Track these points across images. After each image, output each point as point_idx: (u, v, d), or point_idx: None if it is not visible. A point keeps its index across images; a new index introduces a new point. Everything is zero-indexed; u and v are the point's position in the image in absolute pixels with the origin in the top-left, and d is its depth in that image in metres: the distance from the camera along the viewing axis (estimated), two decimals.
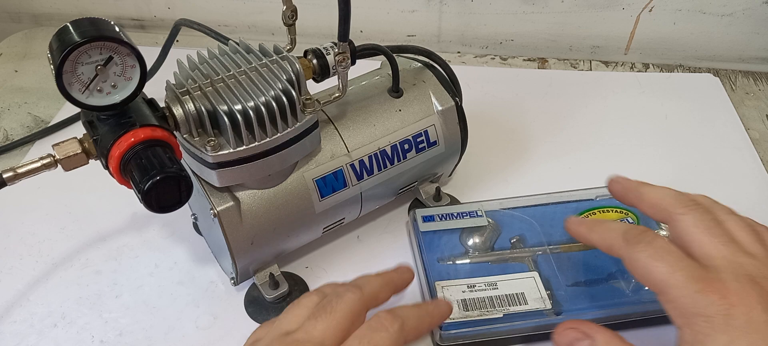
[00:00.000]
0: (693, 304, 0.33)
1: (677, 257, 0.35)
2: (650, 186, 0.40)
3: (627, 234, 0.37)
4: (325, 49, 0.46)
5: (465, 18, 0.83)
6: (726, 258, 0.34)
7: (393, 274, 0.43)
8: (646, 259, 0.35)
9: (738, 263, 0.34)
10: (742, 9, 0.77)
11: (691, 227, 0.36)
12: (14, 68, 0.82)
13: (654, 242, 0.36)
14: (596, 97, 0.74)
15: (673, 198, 0.38)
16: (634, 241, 0.36)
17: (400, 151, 0.51)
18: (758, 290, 0.32)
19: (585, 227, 0.41)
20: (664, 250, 0.35)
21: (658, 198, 0.39)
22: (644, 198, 0.40)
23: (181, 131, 0.42)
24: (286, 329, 0.37)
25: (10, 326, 0.49)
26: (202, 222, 0.53)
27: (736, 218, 0.37)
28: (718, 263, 0.34)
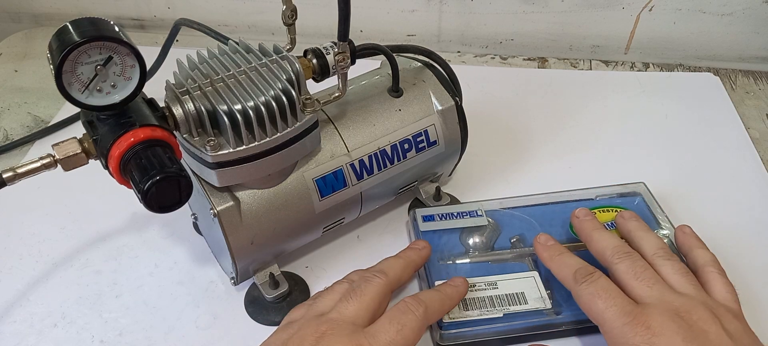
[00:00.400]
0: (622, 335, 0.38)
1: (612, 294, 0.40)
2: (600, 233, 0.46)
3: (577, 272, 0.42)
4: (325, 49, 0.46)
5: (465, 17, 0.83)
6: (653, 297, 0.39)
7: (411, 253, 0.48)
8: (587, 295, 0.41)
9: (665, 300, 0.39)
10: (742, 8, 0.77)
11: (622, 273, 0.42)
12: (14, 68, 0.82)
13: (596, 282, 0.41)
14: (596, 96, 0.74)
15: (611, 248, 0.44)
16: (580, 279, 0.42)
17: (400, 150, 0.51)
18: (680, 322, 0.37)
19: (547, 253, 0.46)
20: (602, 289, 0.40)
21: (601, 247, 0.45)
22: (591, 243, 0.46)
23: (180, 131, 0.42)
24: (321, 311, 0.42)
25: (10, 326, 0.49)
26: (202, 222, 0.53)
27: (671, 263, 0.42)
28: (646, 301, 0.39)
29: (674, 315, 0.37)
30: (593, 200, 0.54)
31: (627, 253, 0.43)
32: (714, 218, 0.56)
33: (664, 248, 0.44)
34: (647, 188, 0.55)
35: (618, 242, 0.44)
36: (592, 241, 0.46)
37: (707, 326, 0.37)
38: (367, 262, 0.53)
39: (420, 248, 0.48)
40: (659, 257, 0.43)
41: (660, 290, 0.40)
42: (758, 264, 0.53)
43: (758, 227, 0.56)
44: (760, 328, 0.48)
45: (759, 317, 0.48)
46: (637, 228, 0.47)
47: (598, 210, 0.53)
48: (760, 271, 0.52)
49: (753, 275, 0.51)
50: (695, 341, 0.36)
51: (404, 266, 0.46)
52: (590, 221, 0.48)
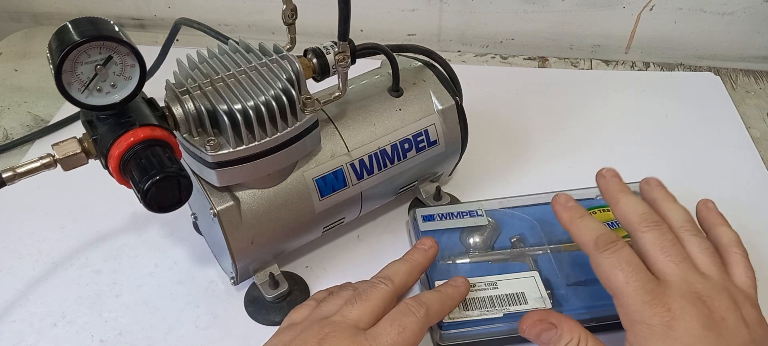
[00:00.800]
0: (639, 312, 0.36)
1: (635, 268, 0.38)
2: (626, 196, 0.43)
3: (599, 239, 0.40)
4: (325, 49, 0.46)
5: (465, 17, 0.83)
6: (677, 275, 0.38)
7: (417, 256, 0.47)
8: (608, 265, 0.39)
9: (688, 281, 0.37)
10: (743, 7, 0.77)
11: (648, 244, 0.39)
12: (14, 67, 0.82)
13: (619, 252, 0.39)
14: (597, 96, 0.74)
15: (638, 215, 0.41)
16: (602, 246, 0.39)
17: (400, 150, 0.51)
18: (700, 307, 0.36)
19: (567, 215, 0.43)
20: (625, 260, 0.38)
21: (627, 212, 0.42)
22: (617, 206, 0.43)
23: (180, 131, 0.42)
24: (325, 315, 0.42)
25: (10, 325, 0.49)
26: (202, 222, 0.53)
27: (699, 240, 0.40)
28: (669, 279, 0.38)
29: (696, 299, 0.36)
30: (593, 200, 0.54)
31: (655, 222, 0.40)
32: None
33: (692, 222, 0.42)
34: None
35: (646, 208, 0.42)
36: (619, 203, 0.43)
37: (727, 314, 0.36)
38: (367, 262, 0.53)
39: (426, 248, 0.47)
40: (687, 231, 0.41)
41: (684, 270, 0.38)
42: (758, 264, 0.52)
43: (758, 227, 0.56)
44: None
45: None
46: (664, 198, 0.45)
47: (598, 210, 0.53)
48: (761, 270, 0.52)
49: None
50: (714, 329, 0.35)
51: (410, 270, 0.45)
52: (618, 182, 0.45)
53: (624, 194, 0.43)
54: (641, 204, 0.42)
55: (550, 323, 0.41)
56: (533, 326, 0.42)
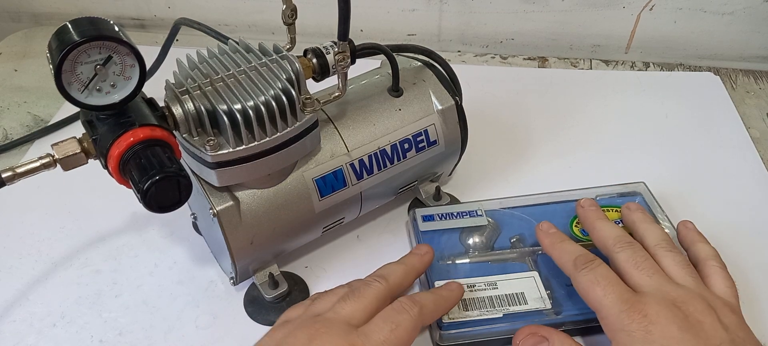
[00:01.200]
0: (618, 321, 0.38)
1: (611, 282, 0.40)
2: (602, 223, 0.46)
3: (577, 259, 0.43)
4: (325, 49, 0.46)
5: (465, 17, 0.83)
6: (651, 286, 0.40)
7: (414, 260, 0.47)
8: (586, 281, 0.41)
9: (662, 290, 0.40)
10: (743, 7, 0.77)
11: (622, 262, 0.42)
12: (14, 67, 0.82)
13: (596, 269, 0.41)
14: (596, 96, 0.74)
15: (613, 238, 0.44)
16: (580, 266, 0.42)
17: (400, 150, 0.51)
18: (675, 312, 0.38)
19: (548, 240, 0.46)
20: (601, 276, 0.41)
21: (603, 235, 0.45)
22: (594, 232, 0.46)
23: (180, 131, 0.42)
24: (318, 312, 0.42)
25: (10, 325, 0.49)
26: (201, 222, 0.53)
27: (673, 255, 0.43)
28: (644, 290, 0.40)
29: (671, 305, 0.38)
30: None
31: (628, 242, 0.43)
32: (714, 217, 0.56)
33: (667, 240, 0.45)
34: (647, 187, 0.55)
35: (620, 232, 0.45)
36: (595, 229, 0.46)
37: (703, 317, 0.38)
38: (367, 262, 0.53)
39: (422, 254, 0.48)
40: (661, 248, 0.44)
41: (659, 281, 0.40)
42: (758, 263, 0.53)
43: (758, 227, 0.56)
44: (760, 326, 0.48)
45: (759, 316, 0.48)
46: (642, 219, 0.48)
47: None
48: (760, 270, 0.52)
49: (753, 274, 0.51)
50: (690, 331, 0.37)
51: (406, 272, 0.46)
52: (594, 210, 0.48)
53: (600, 221, 0.47)
54: (616, 228, 0.46)
55: (541, 336, 0.42)
56: (525, 340, 0.43)
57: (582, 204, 0.50)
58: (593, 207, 0.49)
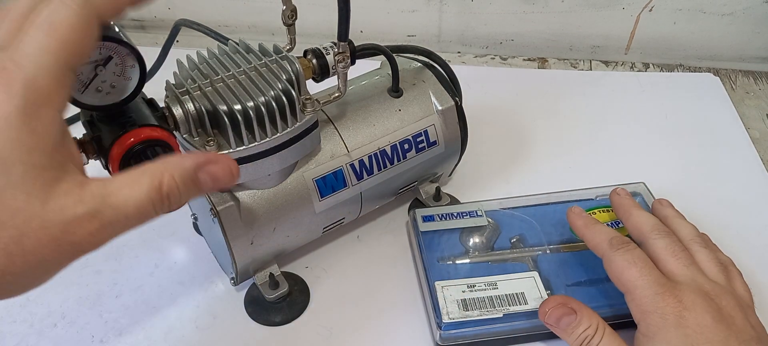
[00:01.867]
0: (652, 303, 0.39)
1: (647, 266, 0.41)
2: (639, 211, 0.47)
3: (613, 240, 0.43)
4: (325, 49, 0.46)
5: (465, 18, 0.83)
6: (687, 276, 0.41)
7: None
8: (622, 262, 0.41)
9: (697, 281, 0.40)
10: (743, 8, 0.77)
11: (660, 249, 0.43)
12: None
13: (632, 251, 0.42)
14: (596, 97, 0.74)
15: (650, 225, 0.45)
16: (616, 246, 0.42)
17: (399, 151, 0.51)
18: (709, 302, 0.39)
19: (582, 222, 0.46)
20: (638, 258, 0.41)
21: (640, 222, 0.45)
22: (630, 219, 0.47)
23: (180, 131, 0.42)
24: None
25: (10, 325, 0.49)
26: (202, 222, 0.53)
27: (707, 252, 0.44)
28: (679, 279, 0.40)
29: (706, 296, 0.39)
30: (593, 200, 0.54)
31: (666, 232, 0.44)
32: (714, 217, 0.56)
33: (702, 237, 0.46)
34: (647, 187, 0.55)
35: (657, 221, 0.45)
36: (632, 216, 0.46)
37: (734, 313, 0.39)
38: (367, 262, 0.53)
39: None
40: (696, 243, 0.44)
41: (694, 272, 0.41)
42: (758, 263, 0.53)
43: (758, 227, 0.56)
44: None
45: (760, 317, 0.48)
46: (675, 215, 0.49)
47: (599, 210, 0.53)
48: (760, 270, 0.52)
49: (753, 274, 0.51)
50: (723, 322, 0.38)
51: None
52: (631, 199, 0.49)
53: (637, 209, 0.47)
54: (652, 217, 0.46)
55: (570, 308, 0.43)
56: (554, 311, 0.43)
57: (618, 192, 0.50)
58: (629, 197, 0.50)
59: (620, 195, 0.50)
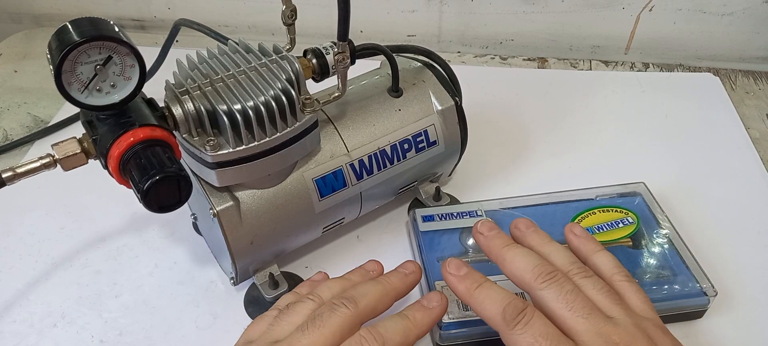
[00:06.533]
0: None
1: (552, 342, 0.35)
2: (513, 251, 0.41)
3: (505, 310, 0.37)
4: (325, 49, 0.46)
5: (465, 18, 0.83)
6: (590, 332, 0.35)
7: (395, 280, 0.42)
8: (524, 343, 0.35)
9: (603, 334, 0.35)
10: (743, 8, 0.77)
11: (551, 302, 0.37)
12: (14, 68, 0.82)
13: (532, 325, 0.36)
14: (596, 96, 0.74)
15: (531, 272, 0.39)
16: (512, 321, 0.36)
17: (399, 150, 0.51)
18: None
19: (464, 287, 0.40)
20: (540, 335, 0.35)
21: (519, 270, 0.39)
22: (506, 265, 0.40)
23: (180, 131, 0.42)
24: (276, 338, 0.38)
25: (10, 325, 0.49)
26: (201, 222, 0.53)
27: (592, 282, 0.38)
28: (585, 339, 0.35)
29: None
30: (593, 200, 0.54)
31: (550, 274, 0.38)
32: (714, 217, 0.56)
33: (577, 262, 0.41)
34: (647, 187, 0.55)
35: (536, 260, 0.39)
36: (506, 261, 0.40)
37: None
38: None
39: (407, 273, 0.43)
40: (576, 274, 0.39)
41: (594, 322, 0.36)
42: (758, 263, 0.53)
43: (758, 227, 0.56)
44: (760, 327, 0.48)
45: (759, 317, 0.48)
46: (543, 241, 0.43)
47: (599, 210, 0.53)
48: (760, 270, 0.52)
49: (752, 275, 0.51)
50: None
51: (382, 294, 0.41)
52: (496, 235, 0.42)
53: (510, 251, 0.41)
54: (530, 256, 0.40)
55: None
56: None
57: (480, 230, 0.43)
58: (494, 232, 0.43)
59: (483, 233, 0.43)
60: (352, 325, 0.38)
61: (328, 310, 0.38)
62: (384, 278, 0.43)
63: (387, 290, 0.41)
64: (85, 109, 0.37)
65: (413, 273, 0.44)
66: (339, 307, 0.38)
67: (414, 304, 0.41)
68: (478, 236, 0.43)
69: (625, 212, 0.53)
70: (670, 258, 0.49)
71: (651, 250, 0.50)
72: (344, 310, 0.38)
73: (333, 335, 0.37)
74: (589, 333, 0.35)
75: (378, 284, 0.41)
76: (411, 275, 0.43)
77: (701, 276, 0.47)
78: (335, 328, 0.37)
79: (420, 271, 0.44)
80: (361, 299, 0.39)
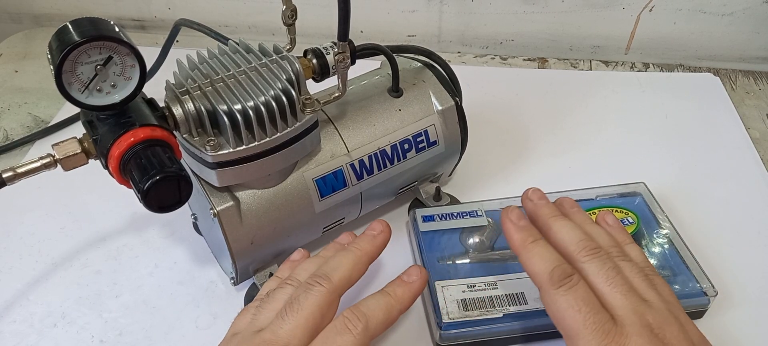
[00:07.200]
0: None
1: (593, 308, 0.36)
2: (560, 222, 0.42)
3: (554, 272, 0.38)
4: (325, 49, 0.46)
5: (465, 18, 0.83)
6: (627, 308, 0.36)
7: (365, 244, 0.43)
8: (564, 304, 0.36)
9: (639, 313, 0.36)
10: (743, 8, 0.77)
11: (592, 275, 0.38)
12: (14, 68, 0.82)
13: (575, 289, 0.37)
14: (596, 96, 0.74)
15: (576, 244, 0.40)
16: (558, 281, 0.37)
17: (400, 150, 0.51)
18: (656, 342, 0.35)
19: (519, 237, 0.41)
20: (582, 300, 0.36)
21: (564, 241, 0.40)
22: (551, 234, 0.41)
23: (180, 131, 0.42)
24: (260, 326, 0.39)
25: (10, 325, 0.49)
26: (202, 222, 0.53)
27: (628, 264, 0.40)
28: (621, 314, 0.36)
29: (651, 334, 0.35)
30: (593, 200, 0.54)
31: (594, 250, 0.39)
32: (714, 218, 0.56)
33: (618, 245, 0.42)
34: (647, 187, 0.55)
35: (581, 234, 0.41)
36: (552, 230, 0.41)
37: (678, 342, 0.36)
38: None
39: (375, 234, 0.44)
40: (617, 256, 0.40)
41: (633, 301, 0.37)
42: (758, 263, 0.53)
43: (758, 227, 0.56)
44: (759, 328, 0.48)
45: (758, 317, 0.48)
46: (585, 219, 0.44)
47: (599, 210, 0.53)
48: (760, 270, 0.52)
49: (752, 275, 0.51)
50: None
51: (354, 263, 0.42)
52: (547, 205, 0.44)
53: (557, 221, 0.42)
54: (574, 229, 0.41)
55: None
56: None
57: (529, 196, 0.44)
58: (544, 200, 0.44)
59: (533, 200, 0.44)
60: (330, 301, 0.39)
61: (304, 292, 0.39)
62: (353, 244, 0.43)
63: (358, 257, 0.42)
64: (85, 109, 0.37)
65: (382, 233, 0.44)
66: (314, 286, 0.39)
67: (394, 280, 0.42)
68: (527, 201, 0.44)
69: (625, 212, 0.53)
70: (670, 258, 0.49)
71: (651, 250, 0.50)
72: (319, 288, 0.39)
73: (313, 315, 0.38)
74: (625, 309, 0.36)
75: (349, 253, 0.42)
76: (380, 235, 0.44)
77: (701, 276, 0.47)
78: (314, 308, 0.38)
79: (389, 229, 0.45)
80: (333, 274, 0.40)
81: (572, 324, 0.36)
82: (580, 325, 0.36)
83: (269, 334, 0.37)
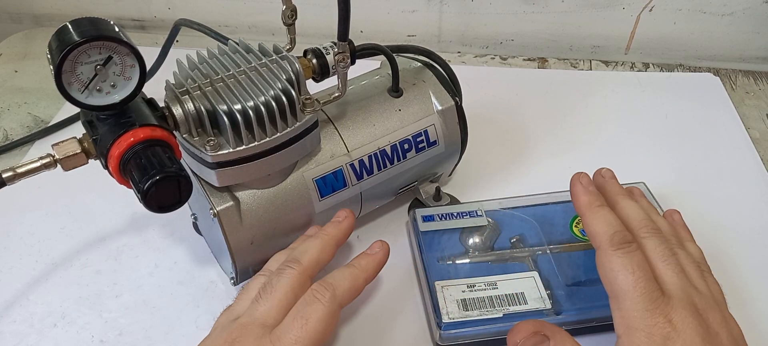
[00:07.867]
0: (640, 319, 0.36)
1: (645, 276, 0.37)
2: (627, 200, 0.44)
3: (615, 235, 0.39)
4: (325, 49, 0.46)
5: (465, 18, 0.83)
6: (678, 286, 0.38)
7: (331, 229, 0.46)
8: (619, 264, 0.38)
9: (688, 292, 0.38)
10: (743, 8, 0.77)
11: (650, 250, 0.40)
12: (14, 68, 0.82)
13: (633, 254, 0.38)
14: (596, 96, 0.74)
15: (639, 221, 0.42)
16: (616, 244, 0.39)
17: (399, 151, 0.51)
18: (699, 321, 0.36)
19: (586, 200, 0.43)
20: (637, 265, 0.38)
21: (629, 216, 0.42)
22: (617, 209, 0.43)
23: (180, 131, 0.42)
24: (237, 314, 0.41)
25: (10, 325, 0.49)
26: (201, 222, 0.53)
27: (684, 253, 0.42)
28: (671, 289, 0.38)
29: (696, 312, 0.37)
30: None
31: (655, 229, 0.41)
32: (714, 218, 0.56)
33: (677, 236, 0.44)
34: (647, 187, 0.55)
35: (645, 215, 0.43)
36: (618, 206, 0.43)
37: (720, 330, 0.37)
38: None
39: (340, 220, 0.47)
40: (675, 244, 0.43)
41: (684, 281, 0.39)
42: (758, 264, 0.53)
43: (758, 227, 0.56)
44: (760, 327, 0.48)
45: (758, 317, 0.48)
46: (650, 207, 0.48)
47: None
48: (760, 271, 0.52)
49: (752, 274, 0.51)
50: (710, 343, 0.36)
51: (321, 246, 0.44)
52: (617, 185, 0.46)
53: (623, 197, 0.44)
54: (640, 210, 0.43)
55: (543, 335, 0.40)
56: (527, 341, 0.40)
57: (602, 173, 0.47)
58: (614, 180, 0.47)
59: (605, 177, 0.47)
60: (302, 282, 0.41)
61: (276, 276, 0.42)
62: (321, 231, 0.46)
63: (325, 241, 0.45)
64: (85, 109, 0.37)
65: (346, 218, 0.47)
66: (284, 270, 0.42)
67: (359, 254, 0.45)
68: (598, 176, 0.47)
69: None
70: None
71: None
72: (290, 271, 0.42)
73: (285, 296, 0.40)
74: (676, 287, 0.38)
75: (316, 239, 0.45)
76: (344, 220, 0.47)
77: None
78: (287, 289, 0.40)
79: (352, 215, 0.48)
80: (302, 257, 0.43)
81: (623, 285, 0.37)
82: (631, 286, 0.37)
83: (246, 318, 0.40)
